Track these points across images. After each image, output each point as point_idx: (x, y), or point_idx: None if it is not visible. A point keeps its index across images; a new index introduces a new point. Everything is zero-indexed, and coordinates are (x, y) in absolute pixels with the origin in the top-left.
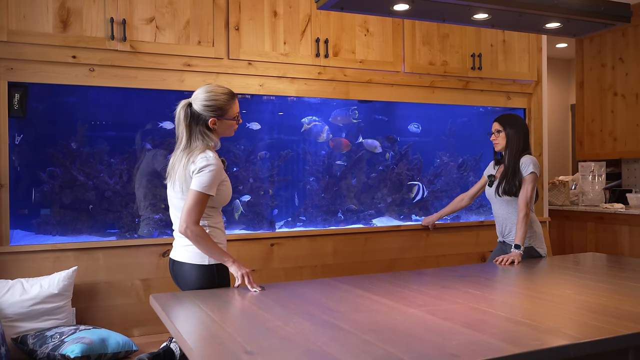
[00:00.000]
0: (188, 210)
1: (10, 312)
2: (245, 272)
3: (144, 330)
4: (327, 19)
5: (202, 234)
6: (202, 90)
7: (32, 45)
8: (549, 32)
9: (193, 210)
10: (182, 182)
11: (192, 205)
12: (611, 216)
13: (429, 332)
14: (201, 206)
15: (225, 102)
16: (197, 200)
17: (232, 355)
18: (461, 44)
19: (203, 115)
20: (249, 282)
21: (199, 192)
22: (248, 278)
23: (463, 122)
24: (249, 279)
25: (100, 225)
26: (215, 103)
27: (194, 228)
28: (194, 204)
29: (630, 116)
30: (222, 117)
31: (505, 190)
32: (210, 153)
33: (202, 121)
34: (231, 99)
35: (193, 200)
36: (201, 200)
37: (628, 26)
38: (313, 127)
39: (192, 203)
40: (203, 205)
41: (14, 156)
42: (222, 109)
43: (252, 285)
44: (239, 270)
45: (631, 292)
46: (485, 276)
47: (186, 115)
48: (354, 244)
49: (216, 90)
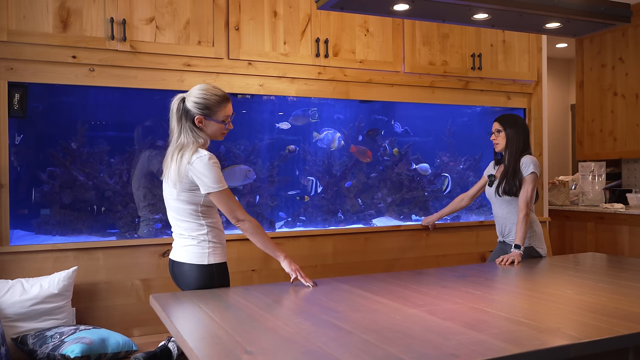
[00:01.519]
0: (228, 208)
1: (10, 312)
2: (296, 267)
3: (144, 330)
4: (327, 19)
5: (256, 226)
6: (197, 88)
7: (32, 45)
8: (549, 32)
9: (231, 205)
10: (175, 181)
11: (227, 203)
12: (611, 216)
13: (429, 332)
14: (232, 198)
15: (214, 103)
16: (225, 197)
17: (232, 355)
18: (461, 44)
19: (192, 112)
20: (302, 277)
21: (219, 191)
22: (300, 273)
23: (463, 122)
24: (301, 274)
25: (100, 225)
26: (203, 102)
27: (247, 222)
28: (226, 201)
29: (630, 116)
30: (209, 117)
31: (506, 190)
32: (203, 152)
33: (190, 117)
34: (222, 101)
35: (223, 200)
36: (227, 194)
37: (628, 26)
38: (325, 136)
39: (224, 202)
40: (232, 197)
41: (13, 156)
42: (210, 109)
43: (305, 280)
44: (290, 266)
45: (631, 292)
46: (485, 276)
47: (178, 108)
48: (354, 244)
49: (210, 90)
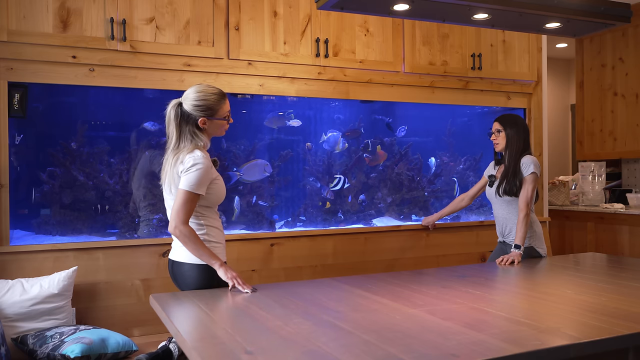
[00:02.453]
0: (177, 209)
1: (10, 312)
2: (233, 275)
3: (144, 330)
4: (327, 19)
5: (190, 234)
6: (193, 90)
7: (32, 45)
8: (549, 32)
9: (181, 209)
10: (170, 183)
11: (180, 205)
12: (611, 216)
13: (429, 332)
14: (190, 205)
15: (215, 102)
16: (185, 200)
17: (232, 355)
18: (461, 44)
19: (193, 115)
20: (240, 285)
21: (186, 191)
22: (237, 281)
23: (463, 122)
24: (238, 282)
25: (100, 225)
26: (205, 103)
27: (182, 228)
28: (182, 203)
29: (630, 116)
30: (212, 117)
31: (506, 191)
32: (198, 152)
33: (192, 121)
34: (221, 98)
35: (181, 200)
36: (189, 199)
37: (628, 26)
38: (330, 137)
39: (180, 202)
40: (192, 205)
41: (13, 156)
42: (212, 109)
43: (243, 287)
44: (227, 274)
45: (631, 292)
46: (485, 276)
47: (176, 114)
48: (354, 244)
49: (206, 90)
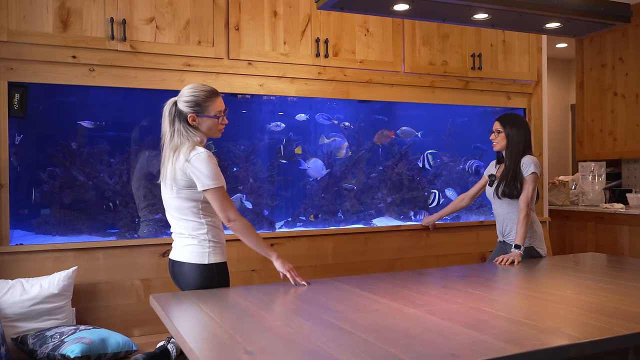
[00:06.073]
0: (221, 206)
1: (10, 312)
2: (289, 267)
3: (144, 330)
4: (327, 19)
5: (248, 225)
6: (186, 88)
7: (32, 45)
8: (549, 32)
9: (224, 205)
10: (172, 180)
11: (220, 202)
12: (611, 216)
13: (429, 332)
14: (226, 198)
15: (203, 99)
16: (219, 195)
17: (232, 355)
18: (461, 44)
19: (184, 112)
20: (294, 277)
21: (214, 188)
22: (293, 273)
23: (463, 122)
24: (293, 274)
25: (100, 225)
26: (193, 99)
27: (238, 221)
28: (220, 199)
29: (630, 116)
30: (201, 113)
31: (505, 193)
32: (200, 149)
33: (183, 118)
34: (211, 96)
35: (216, 198)
36: (221, 193)
37: (628, 26)
38: (332, 142)
39: (217, 200)
40: (227, 197)
41: (13, 156)
42: (200, 105)
43: (299, 280)
44: (284, 266)
45: (631, 292)
46: (485, 276)
47: (170, 112)
48: (354, 244)
49: (198, 87)
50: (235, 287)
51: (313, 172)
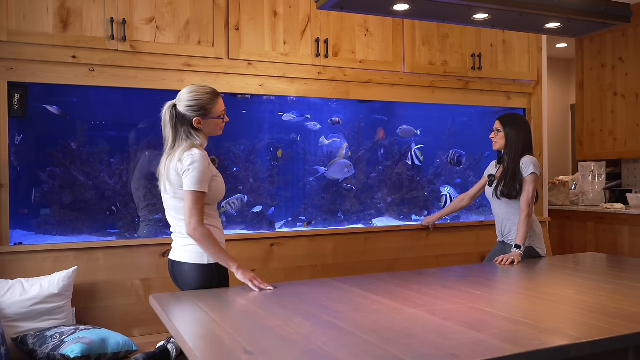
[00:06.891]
0: (189, 212)
1: (10, 312)
2: (251, 277)
3: (144, 330)
4: (327, 19)
5: (209, 235)
6: (186, 91)
7: (32, 45)
8: (549, 32)
9: (194, 210)
10: (170, 182)
11: (191, 207)
12: (611, 216)
13: (429, 332)
14: (199, 204)
15: (208, 101)
16: (193, 200)
17: (232, 355)
18: (461, 44)
19: (187, 116)
20: (259, 285)
21: (192, 191)
22: (256, 282)
23: (463, 122)
24: (256, 283)
25: (100, 225)
26: (198, 103)
27: (200, 229)
28: (192, 204)
29: (630, 116)
30: (206, 116)
31: (504, 194)
32: (195, 150)
33: (187, 121)
34: (214, 97)
35: (190, 201)
36: (197, 198)
37: (628, 26)
38: (332, 143)
39: (190, 204)
40: (201, 203)
41: (13, 156)
42: (205, 109)
43: (264, 286)
44: (245, 276)
45: (631, 292)
46: (485, 276)
47: (172, 116)
48: (354, 244)
49: (199, 90)
50: (235, 287)
51: (334, 174)
